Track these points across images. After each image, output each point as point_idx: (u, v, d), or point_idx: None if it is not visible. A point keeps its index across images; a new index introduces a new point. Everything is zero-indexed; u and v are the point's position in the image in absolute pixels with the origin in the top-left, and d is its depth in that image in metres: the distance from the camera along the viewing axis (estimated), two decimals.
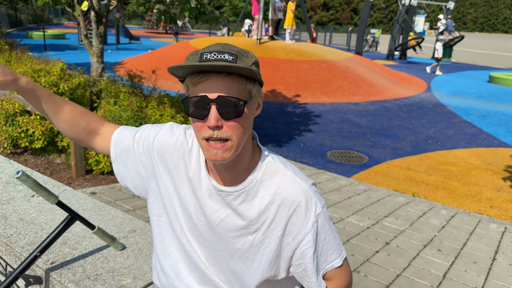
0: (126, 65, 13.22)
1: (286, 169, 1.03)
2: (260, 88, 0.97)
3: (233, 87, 0.88)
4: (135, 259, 1.91)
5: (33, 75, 4.84)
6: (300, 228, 1.00)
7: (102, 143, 1.24)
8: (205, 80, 0.88)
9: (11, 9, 26.65)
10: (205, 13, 4.80)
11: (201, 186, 1.06)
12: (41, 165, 4.43)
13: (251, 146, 1.02)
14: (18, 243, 1.97)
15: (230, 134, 0.90)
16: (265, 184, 1.01)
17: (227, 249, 1.06)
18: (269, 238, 1.03)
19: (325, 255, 1.04)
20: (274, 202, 1.01)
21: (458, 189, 5.30)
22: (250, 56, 0.92)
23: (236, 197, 1.02)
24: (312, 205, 1.00)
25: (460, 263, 3.13)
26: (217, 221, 1.05)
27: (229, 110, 0.88)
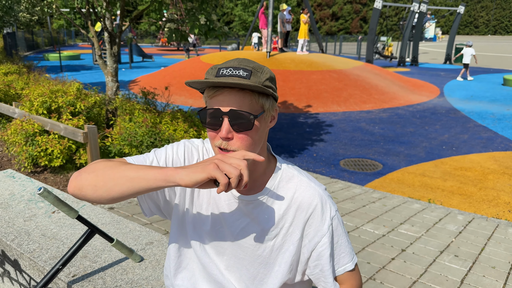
0: (140, 83, 13.47)
1: (301, 175, 1.09)
2: (275, 101, 1.02)
3: (245, 102, 0.94)
4: (153, 270, 1.97)
5: (50, 96, 5.00)
6: (317, 231, 1.05)
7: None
8: (219, 94, 0.95)
9: (28, 33, 27.44)
10: (214, 29, 4.91)
11: (220, 196, 1.10)
12: (60, 182, 4.55)
13: (266, 155, 1.08)
14: (41, 258, 2.05)
15: (238, 146, 0.95)
16: (282, 190, 1.07)
17: (248, 256, 1.10)
18: (288, 241, 1.08)
19: (338, 258, 1.09)
20: (291, 207, 1.06)
21: (475, 194, 5.24)
22: (265, 72, 0.97)
23: (255, 206, 1.07)
24: (327, 208, 1.06)
25: (478, 269, 3.10)
26: (237, 229, 1.09)
27: (240, 123, 0.94)
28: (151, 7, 5.14)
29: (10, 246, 2.18)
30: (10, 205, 2.63)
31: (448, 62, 24.11)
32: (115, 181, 0.93)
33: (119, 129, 4.58)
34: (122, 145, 4.40)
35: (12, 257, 2.21)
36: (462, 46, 24.14)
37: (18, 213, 2.52)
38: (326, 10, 68.85)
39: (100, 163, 0.99)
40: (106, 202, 1.00)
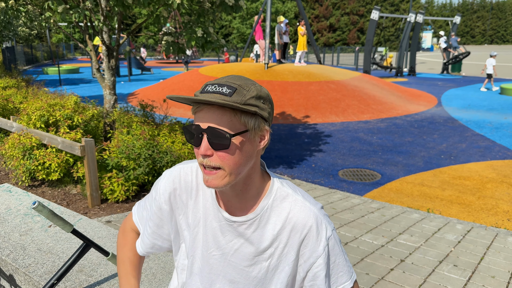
0: (138, 96, 13.52)
1: (295, 194, 1.07)
2: (264, 121, 0.99)
3: (224, 119, 0.93)
4: (149, 284, 1.95)
5: (48, 110, 5.01)
6: (312, 252, 1.03)
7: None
8: (200, 111, 0.95)
9: (27, 47, 27.61)
10: (211, 41, 4.95)
11: (212, 219, 1.09)
12: (58, 196, 4.54)
13: (259, 174, 1.06)
14: (36, 272, 2.03)
15: (220, 163, 0.94)
16: (276, 210, 1.05)
17: (243, 279, 1.09)
18: (283, 262, 1.06)
19: (335, 277, 1.07)
20: (285, 228, 1.04)
21: (474, 203, 5.23)
22: (251, 91, 0.95)
23: (248, 226, 1.05)
24: (323, 229, 1.04)
25: (477, 278, 3.08)
26: (231, 251, 1.08)
27: (217, 141, 0.93)
28: (149, 20, 5.19)
29: (5, 261, 2.17)
30: (6, 219, 2.62)
31: (446, 72, 24.25)
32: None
33: (116, 142, 4.59)
34: (119, 158, 4.40)
35: (8, 272, 2.20)
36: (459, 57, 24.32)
37: (14, 227, 2.51)
38: (324, 22, 69.41)
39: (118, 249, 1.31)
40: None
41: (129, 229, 1.31)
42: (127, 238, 1.30)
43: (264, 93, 0.99)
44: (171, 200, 1.14)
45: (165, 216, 1.16)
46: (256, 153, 1.01)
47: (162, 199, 1.15)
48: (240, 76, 0.99)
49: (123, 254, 1.29)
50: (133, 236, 1.29)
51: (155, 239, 1.21)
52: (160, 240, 1.21)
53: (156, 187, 1.18)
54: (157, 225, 1.18)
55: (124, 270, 1.27)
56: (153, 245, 1.22)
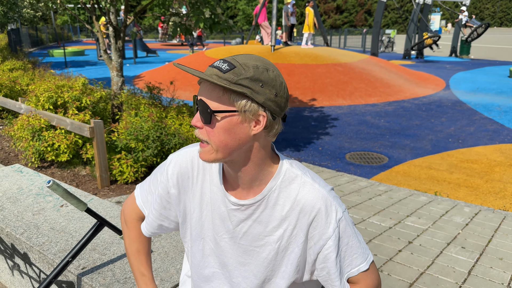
0: (144, 78, 13.49)
1: (304, 176, 1.06)
2: (258, 105, 0.94)
3: (213, 95, 0.94)
4: (162, 262, 1.98)
5: (56, 91, 5.02)
6: (321, 234, 1.03)
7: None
8: (201, 83, 0.98)
9: (32, 29, 27.50)
10: (219, 22, 4.90)
11: (220, 204, 1.09)
12: (67, 177, 4.58)
13: (263, 157, 1.03)
14: (50, 251, 2.07)
15: (206, 137, 0.97)
16: (284, 191, 1.04)
17: (254, 260, 1.10)
18: (293, 244, 1.06)
19: (349, 259, 1.07)
20: (294, 209, 1.03)
21: (481, 187, 5.22)
22: (249, 72, 0.92)
23: (256, 208, 1.05)
24: (332, 211, 1.03)
25: (485, 260, 3.10)
26: (240, 234, 1.08)
27: (202, 114, 0.95)
28: (155, 1, 5.13)
29: (19, 240, 2.21)
30: (18, 199, 2.65)
31: (454, 55, 23.92)
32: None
33: (125, 124, 4.60)
34: (128, 139, 4.41)
35: (22, 251, 2.23)
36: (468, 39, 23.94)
37: (27, 207, 2.54)
38: (331, 4, 68.42)
39: (125, 238, 1.35)
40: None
41: (130, 219, 1.31)
42: (132, 230, 1.31)
43: (267, 77, 0.94)
44: (179, 184, 1.14)
45: (173, 199, 1.17)
46: (252, 138, 0.98)
47: (171, 183, 1.15)
48: (253, 56, 0.97)
49: (131, 246, 1.31)
50: (136, 226, 1.30)
51: (162, 221, 1.21)
52: (167, 221, 1.21)
53: (162, 170, 1.18)
54: (165, 207, 1.19)
55: (135, 262, 1.31)
56: (160, 226, 1.23)
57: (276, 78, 0.96)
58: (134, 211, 1.30)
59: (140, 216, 1.30)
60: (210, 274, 1.17)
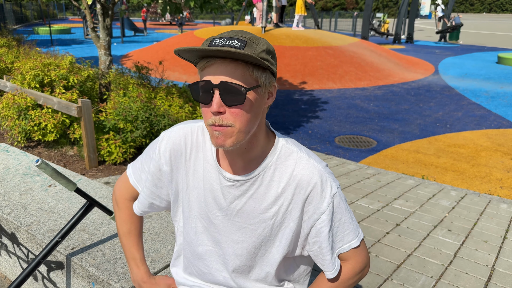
0: (132, 58, 13.27)
1: (300, 152, 1.05)
2: (272, 76, 0.96)
3: (237, 73, 0.88)
4: (153, 242, 1.97)
5: (43, 69, 4.90)
6: (316, 208, 1.03)
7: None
8: (210, 65, 0.90)
9: (17, 6, 26.75)
10: (209, 2, 4.81)
11: (213, 181, 1.08)
12: (54, 157, 4.52)
13: (265, 133, 1.03)
14: (39, 231, 2.04)
15: (232, 121, 0.90)
16: (280, 167, 1.04)
17: (248, 237, 1.09)
18: (288, 219, 1.06)
19: (341, 235, 1.08)
20: (290, 185, 1.03)
21: (468, 171, 5.30)
22: (261, 44, 0.91)
23: (252, 183, 1.04)
24: (328, 186, 1.03)
25: (470, 243, 3.16)
26: (234, 211, 1.07)
27: (231, 96, 0.88)
28: None
29: (6, 220, 2.17)
30: (5, 178, 2.61)
31: (443, 40, 23.99)
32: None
33: (113, 104, 4.53)
34: (116, 120, 4.35)
35: (9, 231, 2.21)
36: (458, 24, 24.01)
37: (14, 186, 2.50)
38: None
39: (117, 218, 1.33)
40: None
41: (122, 199, 1.29)
42: (123, 211, 1.29)
43: (272, 48, 0.96)
44: (172, 161, 1.12)
45: (165, 177, 1.15)
46: (263, 110, 0.98)
47: (163, 160, 1.13)
48: (244, 30, 0.95)
49: (122, 227, 1.30)
50: (128, 206, 1.29)
51: (153, 199, 1.20)
52: (158, 200, 1.20)
53: (154, 148, 1.16)
54: (156, 185, 1.18)
55: (126, 243, 1.30)
56: (151, 204, 1.22)
57: (273, 48, 0.98)
58: (127, 191, 1.28)
59: (133, 196, 1.28)
60: (203, 252, 1.17)
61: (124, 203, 1.29)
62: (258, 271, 1.15)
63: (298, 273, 1.22)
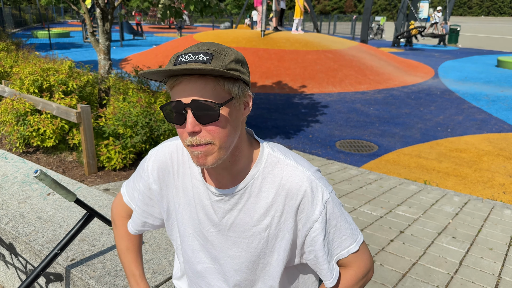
0: (131, 61, 13.24)
1: (287, 159, 1.01)
2: (246, 86, 0.92)
3: (207, 89, 0.85)
4: (154, 254, 1.92)
5: (42, 74, 4.86)
6: (308, 216, 0.99)
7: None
8: (178, 84, 0.86)
9: (15, 9, 26.72)
10: (210, 6, 4.78)
11: (203, 197, 1.05)
12: (53, 163, 4.46)
13: (248, 143, 1.00)
14: (37, 241, 1.99)
15: (210, 138, 0.87)
16: (268, 177, 1.00)
17: (244, 252, 1.06)
18: (283, 230, 1.02)
19: (338, 241, 1.04)
20: (280, 195, 0.99)
21: (470, 176, 5.26)
22: (229, 54, 0.88)
23: (240, 196, 1.01)
24: (319, 192, 0.99)
25: (476, 250, 3.11)
26: (227, 226, 1.04)
27: (204, 114, 0.85)
28: None
29: (4, 229, 2.13)
30: (3, 186, 2.56)
31: (442, 43, 24.02)
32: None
33: (112, 109, 4.48)
34: (116, 125, 4.31)
35: (7, 241, 2.16)
36: (457, 27, 24.06)
37: (12, 195, 2.45)
38: None
39: (116, 238, 1.31)
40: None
41: (118, 217, 1.29)
42: (120, 229, 1.29)
43: (241, 56, 0.91)
44: (160, 179, 1.10)
45: (155, 196, 1.13)
46: (242, 121, 0.95)
47: (151, 179, 1.11)
48: (211, 42, 0.91)
49: (120, 245, 1.30)
50: (124, 224, 1.29)
51: (146, 218, 1.19)
52: (151, 218, 1.19)
53: (143, 166, 1.14)
54: (147, 204, 1.16)
55: (125, 260, 1.29)
56: (144, 223, 1.20)
57: (243, 56, 0.94)
58: (122, 209, 1.28)
59: (128, 214, 1.28)
60: (203, 270, 1.14)
61: (120, 221, 1.29)
62: (261, 286, 1.11)
63: (303, 281, 1.18)
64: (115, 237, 1.31)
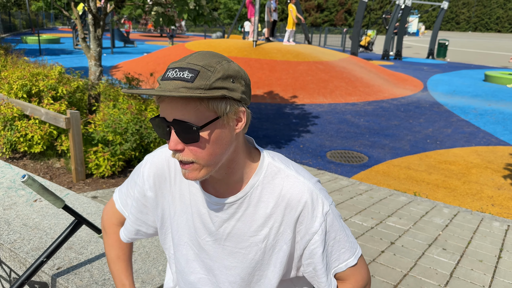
0: (122, 69, 13.18)
1: (288, 169, 1.00)
2: (237, 102, 0.88)
3: (189, 109, 0.83)
4: (143, 263, 1.88)
5: (31, 79, 4.80)
6: (308, 228, 0.98)
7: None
8: (162, 101, 0.85)
9: (5, 14, 26.51)
10: (203, 14, 4.78)
11: (200, 205, 1.03)
12: (40, 169, 4.39)
13: (246, 153, 0.98)
14: (23, 249, 1.94)
15: (193, 158, 0.86)
16: (267, 187, 0.98)
17: (239, 263, 1.04)
18: (280, 241, 1.00)
19: (336, 254, 1.02)
20: (279, 205, 0.98)
21: (459, 188, 5.29)
22: (217, 71, 0.84)
23: (239, 205, 0.99)
24: (319, 204, 0.97)
25: (466, 262, 3.12)
26: (224, 235, 1.02)
27: (185, 134, 0.84)
28: None
29: None
30: None
31: (431, 57, 24.38)
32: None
33: (102, 115, 4.43)
34: (105, 132, 4.26)
35: None
36: (445, 42, 24.47)
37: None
38: (312, 1, 68.75)
39: (106, 246, 1.27)
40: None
41: (109, 224, 1.25)
42: (111, 237, 1.25)
43: (234, 70, 0.87)
44: (156, 186, 1.08)
45: (149, 203, 1.10)
46: (236, 136, 0.92)
47: (147, 185, 1.08)
48: (206, 53, 0.88)
49: (110, 253, 1.26)
50: (116, 231, 1.25)
51: (139, 226, 1.16)
52: (145, 226, 1.16)
53: (138, 172, 1.11)
54: (141, 211, 1.13)
55: (115, 269, 1.25)
56: (137, 231, 1.17)
57: (238, 67, 0.90)
58: (114, 216, 1.24)
59: (120, 221, 1.24)
60: (196, 280, 1.11)
61: (111, 228, 1.25)
62: None
63: None
64: (105, 245, 1.27)
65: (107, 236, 1.26)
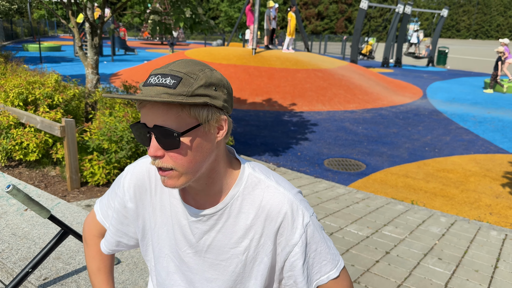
0: (122, 76, 13.22)
1: (268, 180, 0.99)
2: (219, 110, 0.89)
3: (170, 115, 0.83)
4: (130, 273, 1.86)
5: (27, 87, 4.80)
6: (288, 240, 0.96)
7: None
8: (143, 106, 0.85)
9: (7, 22, 26.67)
10: (200, 23, 4.80)
11: (180, 217, 1.02)
12: (35, 177, 4.38)
13: (226, 163, 0.98)
14: (10, 259, 1.92)
15: (172, 164, 0.86)
16: (248, 198, 0.97)
17: (221, 275, 1.03)
18: (261, 253, 0.99)
19: (318, 266, 1.00)
20: (259, 217, 0.97)
21: (457, 196, 5.27)
22: (199, 78, 0.85)
23: (219, 217, 0.98)
24: (299, 215, 0.96)
25: (461, 272, 3.09)
26: (204, 247, 1.01)
27: (166, 140, 0.84)
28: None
29: None
30: None
31: (431, 65, 24.43)
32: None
33: (98, 123, 4.43)
34: (101, 140, 4.25)
35: None
36: (445, 49, 24.53)
37: None
38: (312, 9, 69.09)
39: (87, 256, 1.25)
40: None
41: (90, 236, 1.24)
42: (92, 248, 1.24)
43: (216, 79, 0.88)
44: (137, 197, 1.07)
45: (130, 214, 1.09)
46: (216, 145, 0.92)
47: (127, 196, 1.07)
48: (188, 61, 0.88)
49: (91, 265, 1.24)
50: (96, 243, 1.24)
51: (120, 237, 1.14)
52: (126, 238, 1.15)
53: (119, 183, 1.10)
54: (122, 223, 1.12)
55: (96, 282, 1.24)
56: (118, 243, 1.16)
57: (221, 76, 0.90)
58: (95, 227, 1.22)
59: (101, 233, 1.22)
60: None
61: (92, 240, 1.23)
62: None
63: None
64: (86, 257, 1.25)
65: (88, 247, 1.24)
